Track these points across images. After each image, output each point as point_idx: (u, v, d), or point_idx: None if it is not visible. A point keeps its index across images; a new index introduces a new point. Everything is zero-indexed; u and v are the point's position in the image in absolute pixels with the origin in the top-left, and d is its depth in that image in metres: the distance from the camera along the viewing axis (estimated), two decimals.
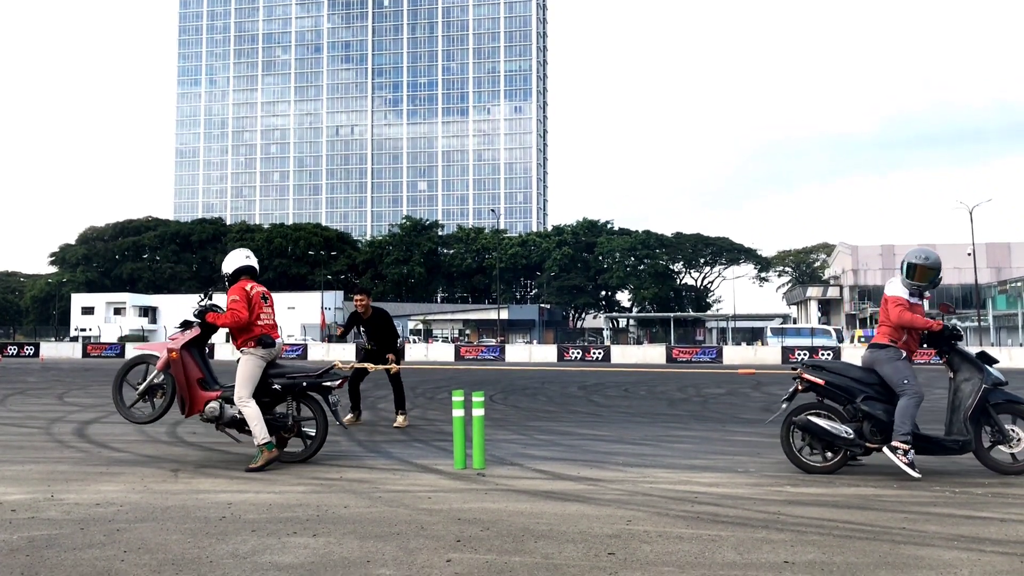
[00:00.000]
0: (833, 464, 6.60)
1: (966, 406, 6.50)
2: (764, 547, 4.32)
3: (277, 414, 7.02)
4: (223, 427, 7.04)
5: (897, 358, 6.62)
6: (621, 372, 23.79)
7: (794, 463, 6.72)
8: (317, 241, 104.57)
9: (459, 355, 44.68)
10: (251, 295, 6.87)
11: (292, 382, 6.96)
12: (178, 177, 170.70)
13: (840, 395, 6.68)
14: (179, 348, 6.94)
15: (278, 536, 4.53)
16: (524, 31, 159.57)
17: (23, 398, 14.92)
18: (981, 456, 6.64)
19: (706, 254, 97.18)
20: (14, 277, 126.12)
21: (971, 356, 6.65)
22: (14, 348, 49.23)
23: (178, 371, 6.91)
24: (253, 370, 6.78)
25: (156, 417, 7.16)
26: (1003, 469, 6.58)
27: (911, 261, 6.73)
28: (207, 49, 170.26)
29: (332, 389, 7.05)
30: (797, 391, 6.81)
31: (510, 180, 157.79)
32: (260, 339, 6.77)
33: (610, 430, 10.20)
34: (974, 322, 60.47)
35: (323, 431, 7.05)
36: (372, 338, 10.49)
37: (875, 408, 6.52)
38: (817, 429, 6.53)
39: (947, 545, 4.39)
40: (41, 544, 4.38)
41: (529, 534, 4.59)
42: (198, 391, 6.94)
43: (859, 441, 6.50)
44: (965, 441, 6.48)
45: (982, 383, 6.48)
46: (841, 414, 6.66)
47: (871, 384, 6.64)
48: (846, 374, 6.72)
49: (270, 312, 7.01)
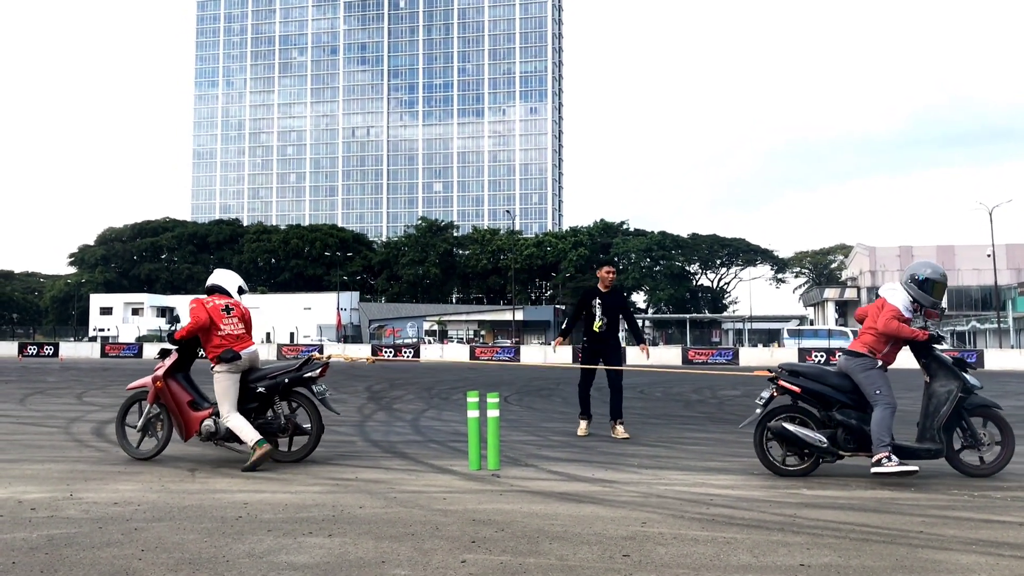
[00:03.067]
0: (805, 468, 6.62)
1: (941, 412, 6.49)
2: (780, 550, 4.31)
3: (268, 418, 7.11)
4: (222, 442, 7.16)
5: (871, 367, 6.62)
6: (636, 373, 23.72)
7: (766, 466, 6.73)
8: (333, 242, 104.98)
9: (474, 356, 44.76)
10: (208, 307, 7.09)
11: (274, 382, 7.07)
12: (195, 178, 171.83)
13: (815, 402, 6.69)
14: (163, 376, 7.15)
15: (294, 536, 4.55)
16: (539, 32, 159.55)
17: (43, 397, 15.07)
18: (952, 460, 6.66)
19: (722, 255, 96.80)
20: (34, 278, 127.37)
21: (948, 362, 6.64)
22: (34, 348, 49.69)
23: (167, 399, 7.14)
24: (227, 385, 6.96)
25: (162, 447, 7.31)
26: (971, 472, 6.60)
27: (930, 277, 6.69)
28: (224, 51, 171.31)
29: (315, 379, 7.13)
30: (773, 396, 6.83)
31: (525, 181, 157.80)
32: (220, 356, 6.95)
33: (625, 432, 10.17)
34: (993, 324, 59.91)
35: (318, 424, 7.12)
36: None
37: (849, 417, 6.54)
38: (791, 436, 6.54)
39: (965, 549, 4.35)
40: (60, 542, 4.42)
41: (544, 535, 4.59)
42: (190, 413, 7.12)
43: (832, 448, 6.51)
44: (937, 449, 6.49)
45: (958, 391, 6.48)
46: (816, 418, 6.67)
47: (847, 391, 6.66)
48: (823, 381, 6.72)
49: (236, 323, 7.15)
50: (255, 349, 7.21)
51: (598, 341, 9.51)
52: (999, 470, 6.59)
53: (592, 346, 9.55)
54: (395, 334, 74.65)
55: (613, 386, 9.45)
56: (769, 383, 6.90)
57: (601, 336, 9.49)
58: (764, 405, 6.85)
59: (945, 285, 6.69)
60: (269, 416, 7.12)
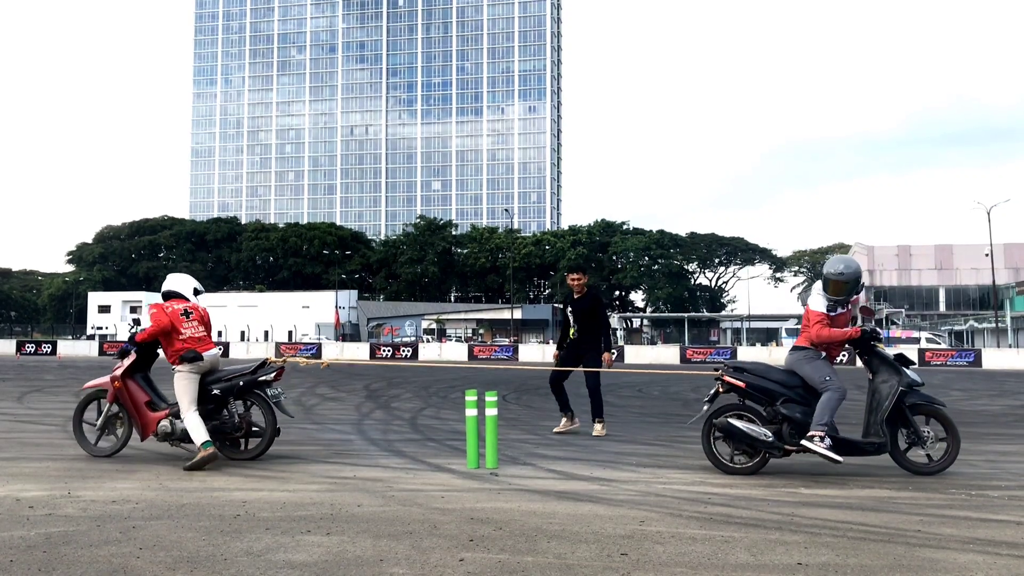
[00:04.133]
0: (753, 466, 6.65)
1: (883, 408, 6.54)
2: (777, 548, 4.31)
3: (224, 418, 7.19)
4: (177, 442, 7.22)
5: (816, 358, 6.72)
6: (634, 372, 23.75)
7: (714, 464, 6.78)
8: (332, 240, 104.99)
9: (472, 355, 44.74)
10: (169, 312, 7.21)
11: (229, 384, 7.16)
12: (194, 176, 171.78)
13: (761, 397, 6.74)
14: (120, 376, 7.25)
15: (292, 534, 4.55)
16: (539, 31, 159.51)
17: (41, 395, 15.06)
18: (897, 458, 6.71)
19: (720, 254, 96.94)
20: (32, 275, 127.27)
21: (889, 358, 6.70)
22: (32, 346, 49.65)
23: (125, 398, 7.26)
24: (186, 384, 7.06)
25: (121, 446, 7.41)
26: (918, 470, 6.64)
27: (825, 274, 6.78)
28: (223, 49, 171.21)
29: (269, 383, 7.23)
30: (718, 393, 6.88)
31: (524, 180, 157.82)
32: (183, 356, 7.06)
33: (623, 430, 10.19)
34: (991, 323, 59.96)
35: (272, 425, 7.18)
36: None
37: (794, 411, 6.59)
38: (737, 432, 6.58)
39: (963, 548, 4.36)
40: (58, 540, 4.42)
41: (542, 534, 4.59)
42: (147, 413, 7.23)
43: (778, 443, 6.55)
44: (881, 443, 6.54)
45: (899, 385, 6.52)
46: (761, 415, 6.71)
47: (792, 387, 6.71)
48: (767, 376, 6.78)
49: (196, 325, 7.27)
50: (216, 352, 7.36)
51: (574, 347, 9.64)
52: (947, 466, 6.63)
53: (569, 352, 9.67)
54: (393, 332, 74.62)
55: (589, 388, 9.56)
56: (715, 381, 6.96)
57: (575, 342, 9.62)
58: (710, 401, 6.93)
59: (844, 282, 6.65)
60: (224, 416, 7.23)
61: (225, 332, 72.27)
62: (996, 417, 12.79)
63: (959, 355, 40.31)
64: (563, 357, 9.70)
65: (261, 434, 7.21)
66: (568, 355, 9.66)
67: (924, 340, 51.97)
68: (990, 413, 13.48)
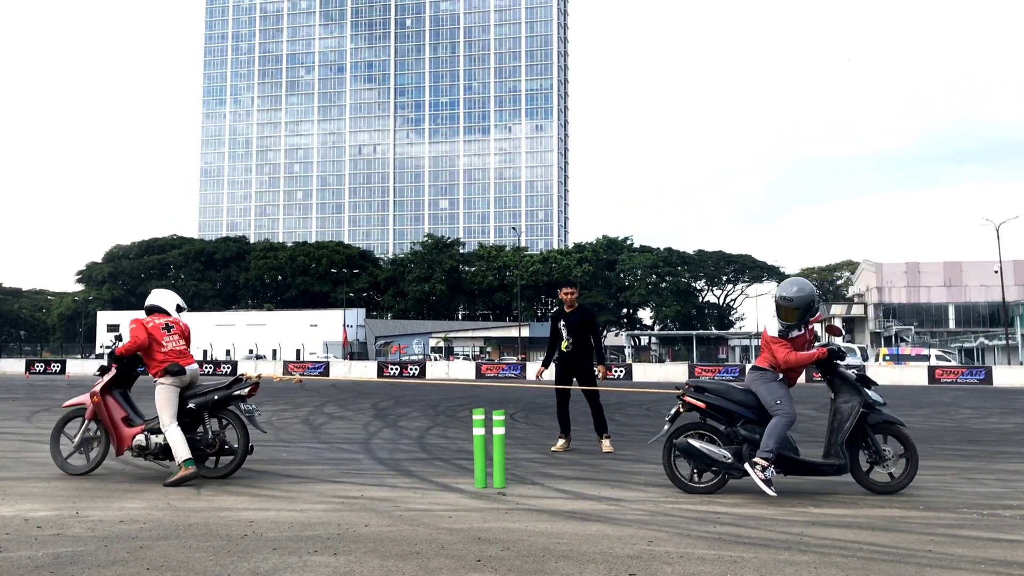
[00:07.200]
0: (713, 485, 6.65)
1: (845, 428, 6.53)
2: (787, 569, 4.28)
3: (198, 434, 7.24)
4: (152, 457, 7.28)
5: (773, 379, 6.68)
6: (643, 391, 23.68)
7: (674, 483, 6.77)
8: (340, 259, 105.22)
9: (480, 373, 44.68)
10: (148, 326, 7.32)
11: (204, 399, 7.24)
12: (203, 196, 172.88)
13: (721, 418, 6.74)
14: (99, 392, 7.36)
15: (299, 554, 4.55)
16: (545, 50, 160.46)
17: (49, 415, 15.08)
18: (859, 478, 6.68)
19: (728, 271, 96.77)
20: (41, 295, 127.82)
21: (851, 378, 6.69)
22: (41, 365, 49.77)
23: (102, 413, 7.35)
24: (168, 397, 7.16)
25: (91, 468, 7.46)
26: (880, 489, 6.61)
27: (775, 299, 6.76)
28: (232, 70, 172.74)
29: (243, 398, 7.29)
30: (679, 412, 6.88)
31: (531, 198, 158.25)
32: (167, 368, 7.18)
33: (632, 449, 10.15)
34: (1002, 340, 59.62)
35: (244, 443, 7.20)
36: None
37: (754, 432, 6.58)
38: (697, 452, 6.58)
39: (974, 569, 4.32)
40: (66, 560, 4.42)
41: (549, 554, 4.57)
42: (123, 429, 7.32)
43: (738, 464, 6.54)
44: (841, 464, 6.52)
45: (859, 406, 6.52)
46: (722, 434, 6.71)
47: (752, 407, 6.69)
48: (728, 397, 6.78)
49: (177, 339, 7.39)
50: (195, 367, 7.48)
51: (567, 361, 9.69)
52: (908, 483, 6.62)
53: (562, 367, 9.73)
54: (401, 351, 74.64)
55: (590, 403, 9.62)
56: (677, 400, 6.96)
57: (568, 355, 9.67)
58: (671, 421, 6.93)
59: (793, 308, 6.58)
60: (199, 432, 7.26)
61: (233, 351, 72.41)
62: (1007, 435, 12.69)
63: (969, 372, 40.07)
64: (557, 376, 9.76)
65: (233, 452, 7.24)
66: (560, 372, 9.73)
67: (934, 357, 51.66)
68: (1001, 431, 13.37)
